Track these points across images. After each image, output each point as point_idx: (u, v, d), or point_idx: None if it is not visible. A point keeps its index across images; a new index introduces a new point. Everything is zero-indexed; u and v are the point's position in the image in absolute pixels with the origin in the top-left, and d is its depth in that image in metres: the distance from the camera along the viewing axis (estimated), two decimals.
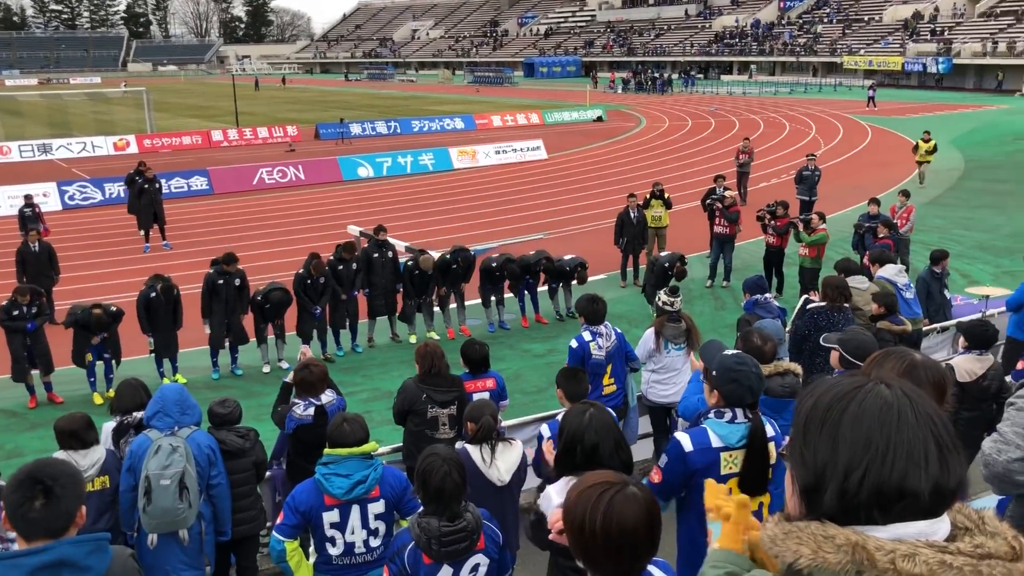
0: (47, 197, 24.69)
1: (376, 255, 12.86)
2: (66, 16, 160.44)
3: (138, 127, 42.48)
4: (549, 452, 4.36)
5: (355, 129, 40.78)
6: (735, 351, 4.33)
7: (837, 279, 8.29)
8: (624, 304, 14.46)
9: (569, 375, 5.47)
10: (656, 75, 74.75)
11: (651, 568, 2.56)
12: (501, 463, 4.95)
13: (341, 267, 12.46)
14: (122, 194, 25.08)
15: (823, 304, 8.01)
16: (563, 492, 3.37)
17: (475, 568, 3.86)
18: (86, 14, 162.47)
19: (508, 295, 13.77)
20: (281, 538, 4.56)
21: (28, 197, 17.80)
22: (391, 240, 13.43)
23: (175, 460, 5.04)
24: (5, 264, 17.96)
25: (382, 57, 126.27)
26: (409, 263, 12.87)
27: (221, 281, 11.55)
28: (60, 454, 5.45)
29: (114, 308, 11.05)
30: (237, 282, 11.68)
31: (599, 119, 46.91)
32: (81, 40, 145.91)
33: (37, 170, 30.63)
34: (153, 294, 11.06)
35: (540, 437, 4.89)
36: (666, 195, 16.16)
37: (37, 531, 2.77)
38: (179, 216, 22.37)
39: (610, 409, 4.02)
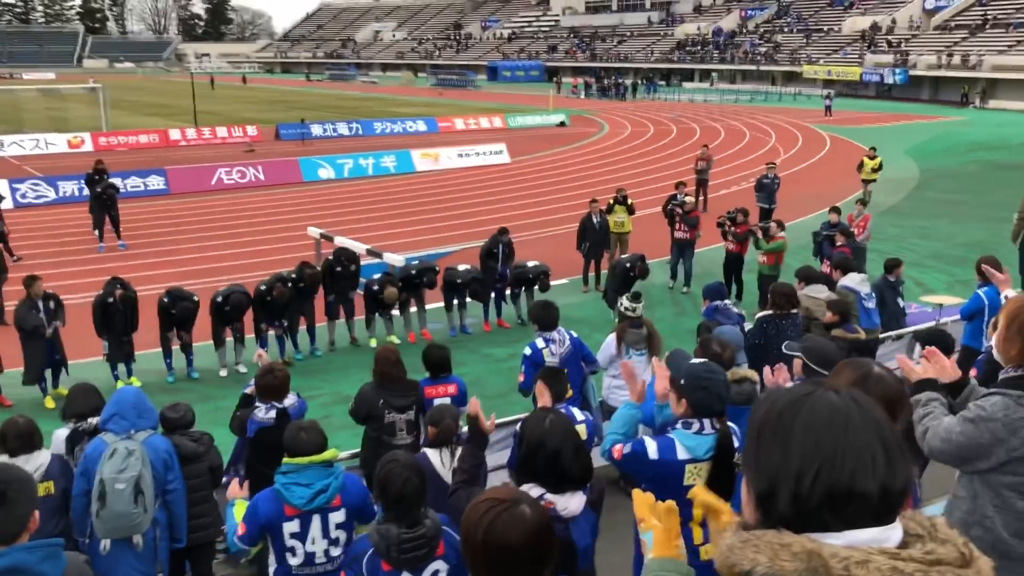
0: None
1: (339, 268, 12.76)
2: (19, 10, 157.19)
3: (93, 124, 41.68)
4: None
5: (316, 130, 40.44)
6: (703, 360, 4.34)
7: (785, 286, 8.34)
8: (585, 309, 14.49)
9: (552, 375, 5.44)
10: (619, 81, 75.24)
11: None
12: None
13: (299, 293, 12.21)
14: (76, 192, 24.66)
15: (770, 312, 8.06)
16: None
17: (435, 574, 3.82)
18: (40, 8, 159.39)
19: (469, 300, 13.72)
20: (245, 547, 4.51)
21: None
22: (352, 244, 13.33)
23: (131, 464, 4.93)
24: None
25: (344, 58, 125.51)
26: (374, 288, 12.68)
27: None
28: (2, 459, 5.30)
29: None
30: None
31: (562, 124, 47.06)
32: (35, 35, 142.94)
33: None
34: (111, 299, 10.82)
35: (515, 436, 4.84)
36: (629, 201, 16.23)
37: None
38: (135, 216, 21.98)
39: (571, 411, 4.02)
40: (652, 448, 4.11)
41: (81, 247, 19.20)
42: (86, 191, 24.32)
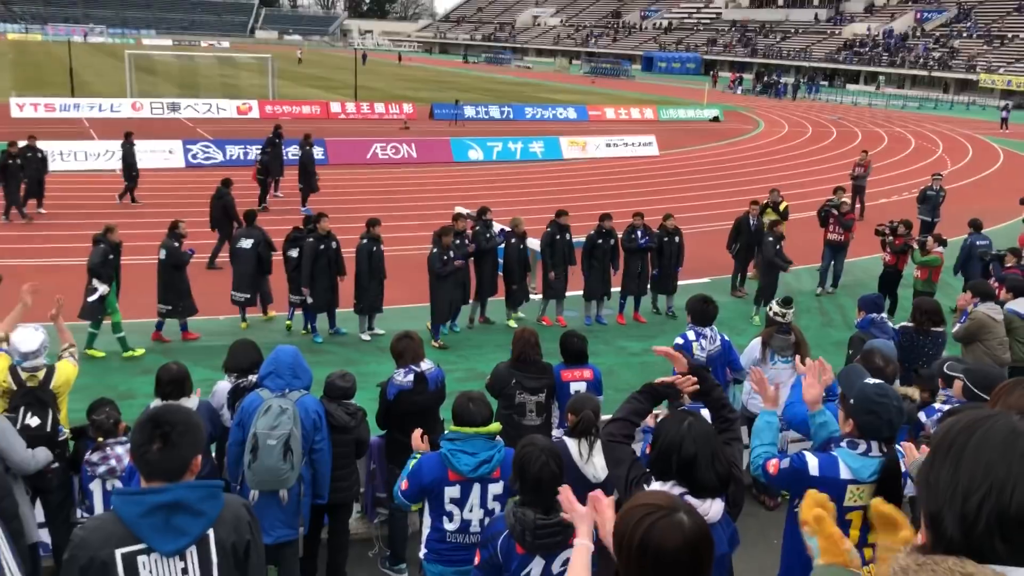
0: (172, 154, 25.76)
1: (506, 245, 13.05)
2: None
3: (261, 93, 43.81)
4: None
5: (469, 112, 41.12)
6: (877, 381, 4.15)
7: (930, 303, 8.26)
8: (724, 311, 14.17)
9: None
10: (779, 79, 72.85)
11: None
12: (598, 459, 4.91)
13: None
14: (242, 156, 26.03)
15: (910, 325, 7.83)
16: (668, 492, 3.32)
17: (567, 562, 3.83)
18: None
19: (615, 288, 13.64)
20: (407, 502, 4.71)
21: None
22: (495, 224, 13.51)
23: (283, 422, 5.15)
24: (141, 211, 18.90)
25: (501, 41, 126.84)
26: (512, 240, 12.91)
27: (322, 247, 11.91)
28: (156, 402, 5.66)
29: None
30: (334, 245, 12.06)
31: (715, 119, 46.05)
32: (214, 5, 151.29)
33: (165, 127, 31.96)
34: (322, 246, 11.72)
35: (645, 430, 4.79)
36: (782, 206, 15.73)
37: (155, 472, 2.90)
38: (293, 182, 22.90)
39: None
40: (814, 464, 3.98)
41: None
42: (251, 155, 25.69)
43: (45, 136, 26.49)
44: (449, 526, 4.64)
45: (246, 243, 12.39)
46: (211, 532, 2.95)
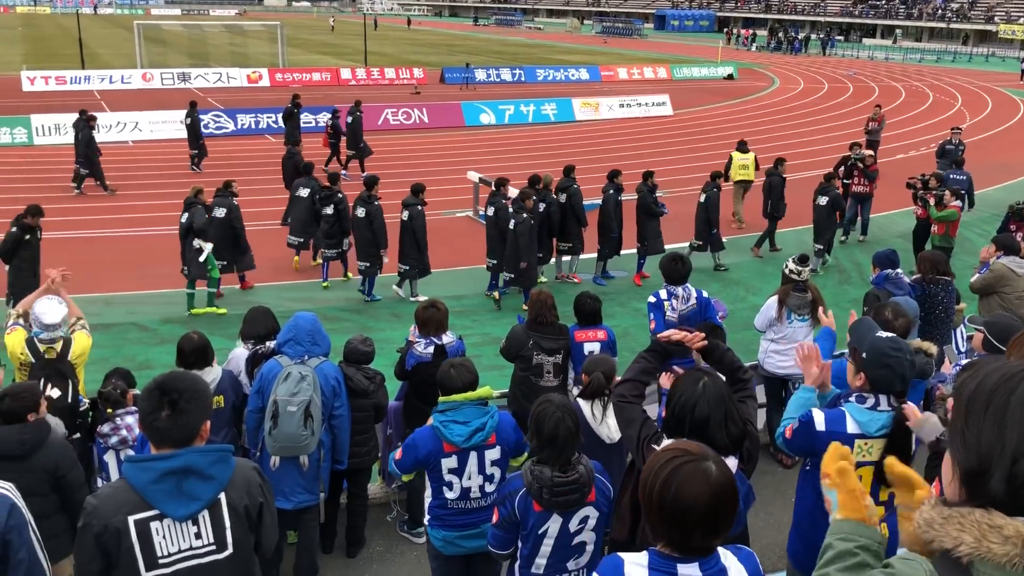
0: (184, 125, 25.69)
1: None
2: None
3: (271, 61, 43.60)
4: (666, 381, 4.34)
5: (480, 75, 40.80)
6: (890, 334, 4.10)
7: (934, 254, 8.40)
8: (742, 270, 14.11)
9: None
10: (794, 34, 71.78)
11: (722, 551, 2.53)
12: (611, 421, 4.91)
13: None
14: (252, 125, 25.99)
15: (918, 276, 7.84)
16: None
17: (584, 520, 3.85)
18: None
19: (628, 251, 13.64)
20: (400, 472, 4.72)
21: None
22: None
23: (303, 388, 5.17)
24: (165, 181, 18.93)
25: (511, 2, 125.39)
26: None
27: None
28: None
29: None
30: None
31: (730, 77, 45.52)
32: None
33: (176, 98, 31.88)
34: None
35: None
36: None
37: (165, 439, 2.92)
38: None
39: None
40: (820, 419, 3.95)
41: (264, 176, 20.17)
42: (261, 123, 25.64)
43: (57, 109, 26.56)
44: (450, 495, 4.65)
45: (303, 192, 13.38)
46: (223, 496, 2.97)
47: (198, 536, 2.93)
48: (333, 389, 5.44)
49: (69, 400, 5.52)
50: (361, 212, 12.36)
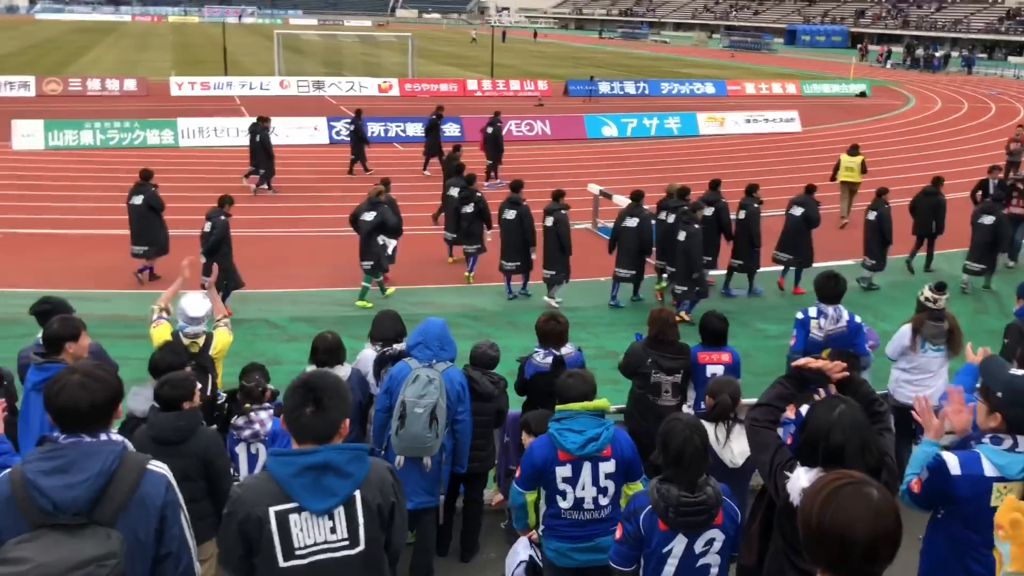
0: (317, 131, 26.72)
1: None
2: None
3: (400, 71, 44.76)
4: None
5: (604, 87, 40.77)
6: None
7: None
8: (874, 296, 13.62)
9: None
10: (932, 52, 68.79)
11: None
12: (735, 445, 4.83)
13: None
14: (382, 133, 26.71)
15: None
16: (813, 478, 3.24)
17: (709, 542, 3.80)
18: None
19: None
20: (522, 490, 4.75)
21: None
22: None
23: (430, 391, 5.31)
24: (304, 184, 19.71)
25: (638, 16, 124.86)
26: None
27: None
28: (309, 369, 5.92)
29: None
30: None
31: (862, 94, 43.98)
32: None
33: (310, 105, 33.14)
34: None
35: (785, 422, 4.69)
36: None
37: (307, 435, 3.05)
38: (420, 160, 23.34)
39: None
40: (953, 463, 3.74)
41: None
42: (391, 132, 26.34)
43: (200, 113, 28.04)
44: (563, 504, 4.68)
45: (453, 190, 14.17)
46: (358, 493, 3.07)
47: (333, 531, 3.04)
48: (458, 394, 5.55)
49: (208, 393, 5.82)
50: (510, 214, 12.69)
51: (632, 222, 12.68)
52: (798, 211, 13.62)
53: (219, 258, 11.25)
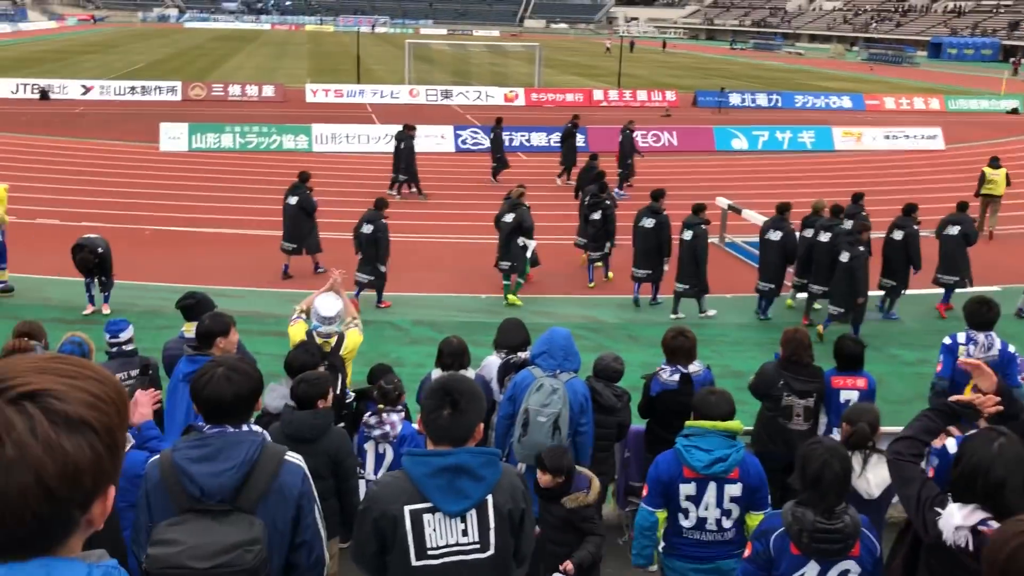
0: (443, 139, 27.18)
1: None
2: None
3: (527, 81, 45.11)
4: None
5: (734, 99, 39.95)
6: None
7: None
8: (1017, 324, 12.76)
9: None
10: None
11: None
12: (872, 475, 4.59)
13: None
14: (507, 143, 26.86)
15: None
16: (969, 515, 3.02)
17: (844, 573, 3.61)
18: None
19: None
20: (651, 509, 4.64)
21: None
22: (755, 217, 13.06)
23: (554, 401, 5.28)
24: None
25: (771, 27, 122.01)
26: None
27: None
28: (435, 373, 5.97)
29: None
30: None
31: (1014, 111, 41.53)
32: None
33: (438, 113, 33.78)
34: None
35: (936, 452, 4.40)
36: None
37: (443, 437, 3.07)
38: (547, 168, 23.38)
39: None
40: None
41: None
42: (515, 141, 26.56)
43: (334, 120, 28.98)
44: (685, 523, 4.58)
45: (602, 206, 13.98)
46: (490, 498, 3.07)
47: (464, 533, 3.06)
48: (581, 405, 5.50)
49: (338, 392, 5.95)
50: (649, 223, 12.72)
51: (775, 235, 12.48)
52: (954, 229, 13.03)
53: (380, 258, 12.22)
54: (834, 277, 11.88)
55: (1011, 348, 6.99)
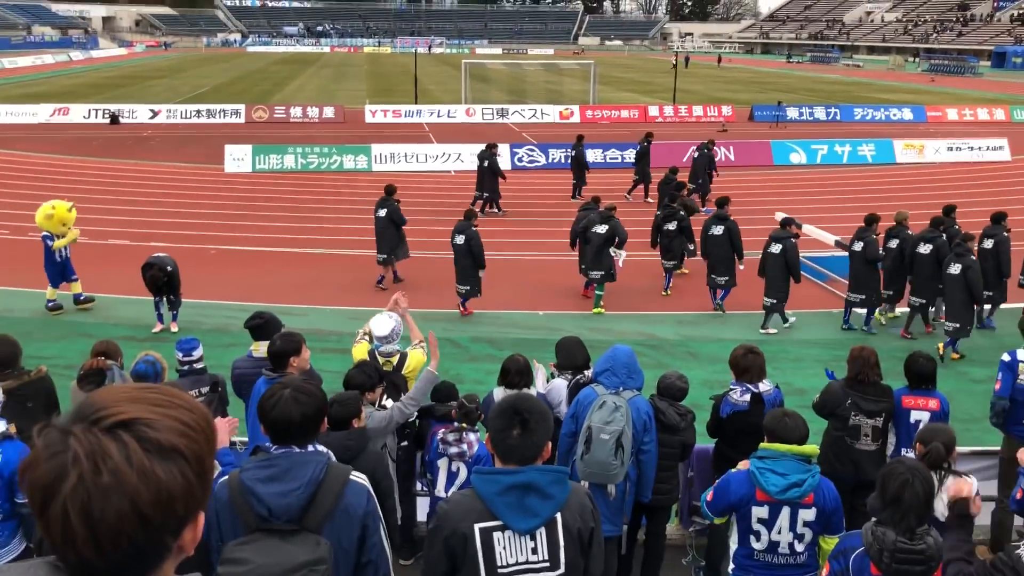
0: (500, 157, 27.31)
1: None
2: None
3: (582, 98, 45.18)
4: None
5: (792, 113, 39.49)
6: None
7: None
8: None
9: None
10: None
11: None
12: (947, 497, 4.48)
13: None
14: (562, 159, 26.99)
15: None
16: None
17: None
18: None
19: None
20: (712, 515, 4.66)
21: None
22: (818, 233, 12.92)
23: (616, 418, 5.27)
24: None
25: (828, 39, 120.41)
26: None
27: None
28: (499, 391, 6.01)
29: None
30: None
31: None
32: (542, 14, 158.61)
33: (494, 132, 34.00)
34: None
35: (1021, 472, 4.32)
36: None
37: (512, 456, 3.09)
38: (610, 183, 23.37)
39: None
40: None
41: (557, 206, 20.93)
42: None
43: (392, 140, 29.38)
44: (756, 545, 4.53)
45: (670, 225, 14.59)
46: (559, 516, 3.08)
47: (534, 551, 3.07)
48: (644, 424, 5.48)
49: None
50: (718, 230, 13.15)
51: (858, 246, 12.57)
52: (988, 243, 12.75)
53: (476, 267, 12.98)
54: (947, 290, 11.81)
55: None
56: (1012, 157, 29.38)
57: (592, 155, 27.27)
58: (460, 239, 12.92)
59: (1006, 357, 6.90)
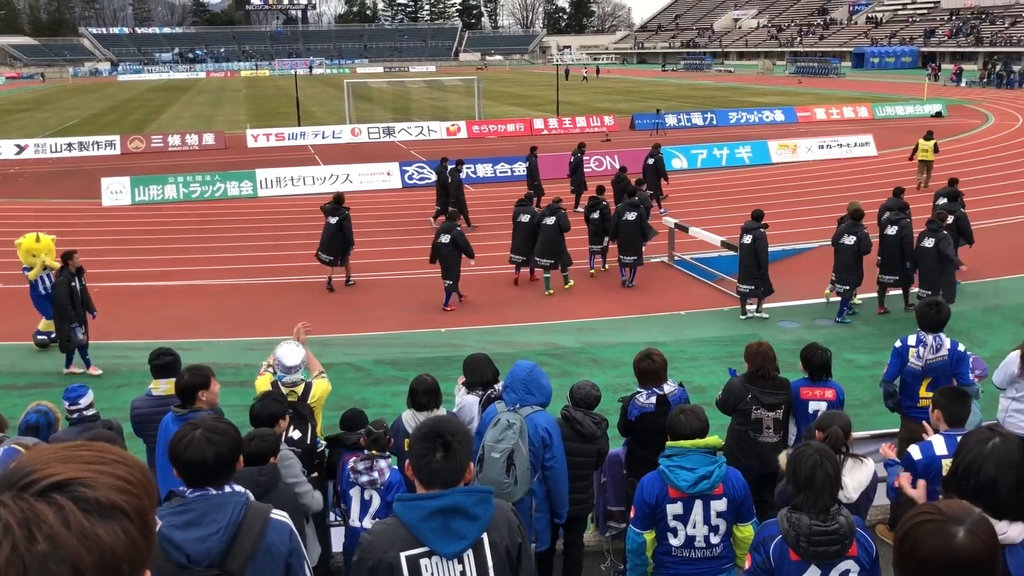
0: (390, 176, 27.20)
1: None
2: (410, 10, 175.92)
3: (468, 114, 45.40)
4: (907, 487, 4.16)
5: (671, 120, 40.64)
6: None
7: None
8: (966, 320, 13.14)
9: (952, 396, 4.99)
10: (1011, 68, 66.90)
11: None
12: (849, 480, 4.69)
13: None
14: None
15: None
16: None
17: (844, 574, 3.69)
18: (427, 7, 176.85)
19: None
20: (639, 531, 4.66)
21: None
22: (705, 235, 13.30)
23: (508, 436, 5.20)
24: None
25: (700, 47, 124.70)
26: None
27: None
28: (408, 413, 5.95)
29: None
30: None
31: (938, 115, 42.93)
32: (421, 31, 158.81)
33: (381, 151, 33.80)
34: None
35: (890, 464, 4.54)
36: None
37: (436, 480, 3.03)
38: (500, 198, 23.53)
39: None
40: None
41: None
42: (462, 173, 26.60)
43: (277, 164, 28.80)
44: (674, 541, 4.62)
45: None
46: (485, 536, 3.04)
47: (463, 574, 3.02)
48: (543, 440, 5.40)
49: (308, 441, 5.88)
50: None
51: (849, 240, 13.13)
52: (892, 229, 13.57)
53: (453, 261, 13.97)
54: (921, 263, 12.88)
55: (961, 347, 7.17)
56: (878, 152, 31.00)
57: (483, 170, 27.44)
58: (446, 238, 13.97)
59: (897, 343, 7.20)
